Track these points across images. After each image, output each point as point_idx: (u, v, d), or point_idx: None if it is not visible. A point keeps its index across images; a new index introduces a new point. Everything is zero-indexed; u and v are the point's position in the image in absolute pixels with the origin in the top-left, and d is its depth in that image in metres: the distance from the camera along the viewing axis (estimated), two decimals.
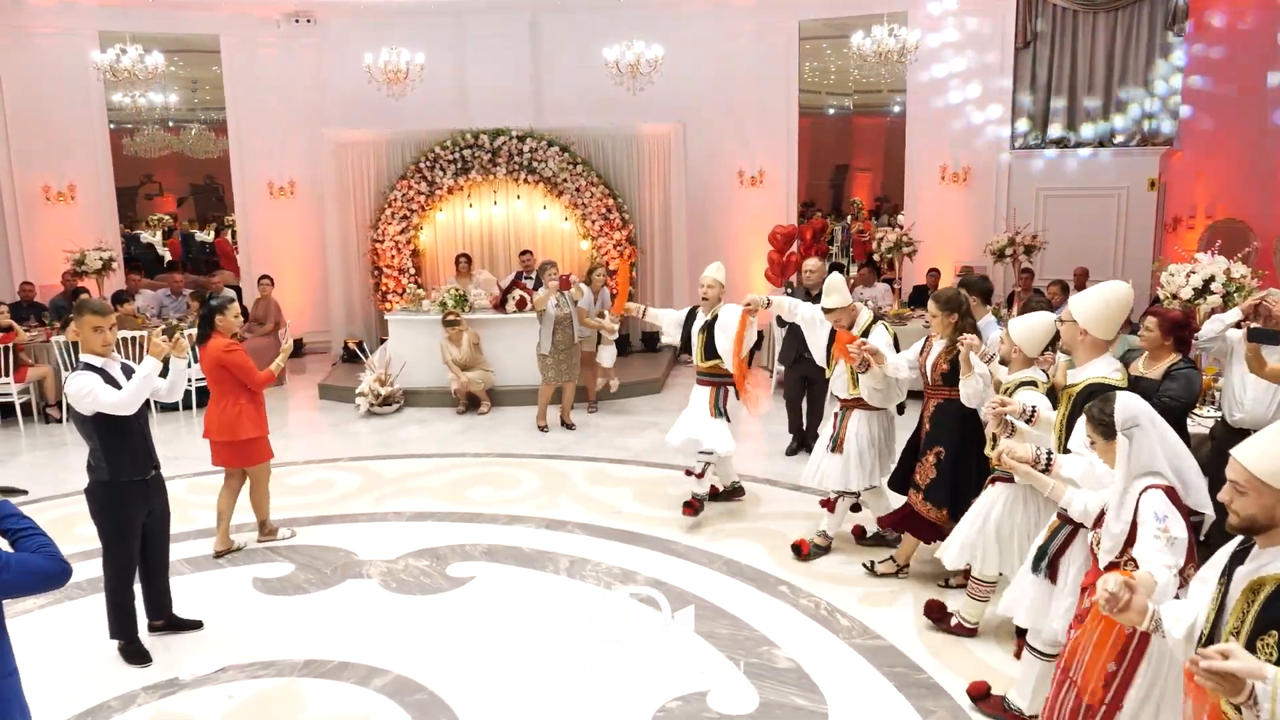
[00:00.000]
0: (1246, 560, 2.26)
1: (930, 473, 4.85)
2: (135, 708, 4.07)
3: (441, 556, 5.57)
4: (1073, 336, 3.76)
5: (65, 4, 10.63)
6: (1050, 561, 3.55)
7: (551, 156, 10.59)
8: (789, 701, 4.03)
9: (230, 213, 16.68)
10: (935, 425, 4.86)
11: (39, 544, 2.44)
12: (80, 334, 4.32)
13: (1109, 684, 2.84)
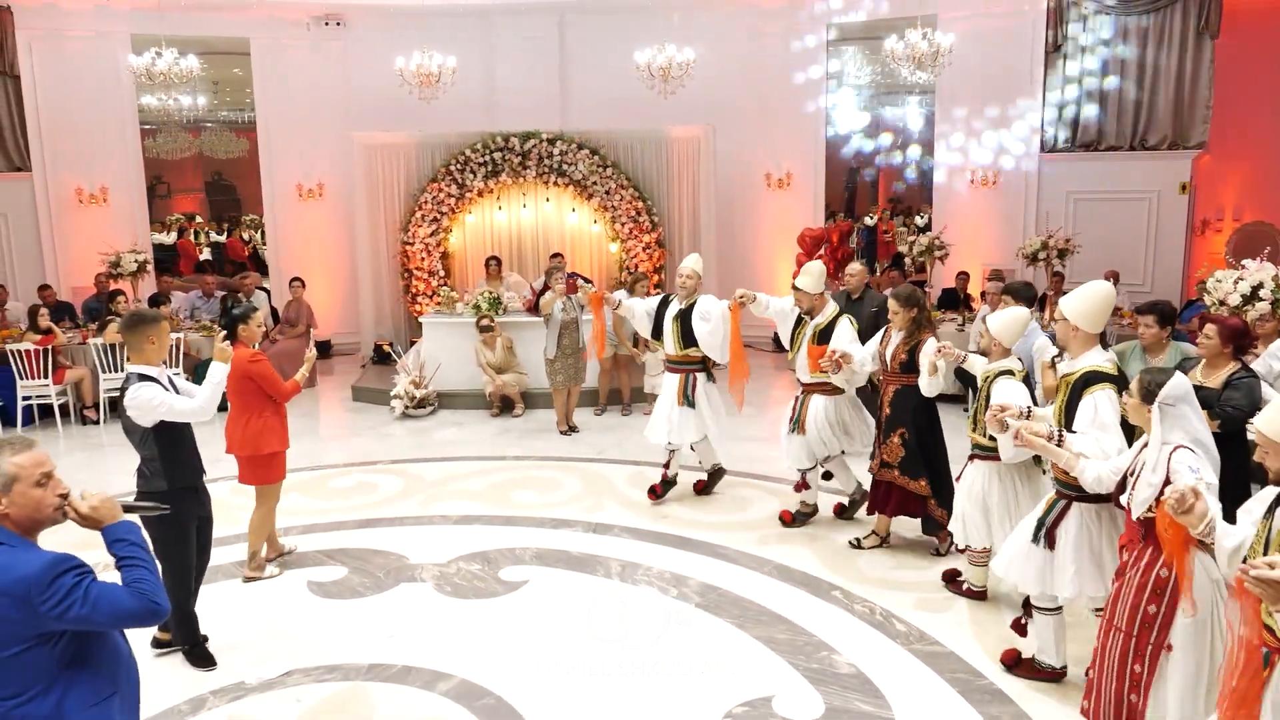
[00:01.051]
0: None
1: (899, 451, 5.38)
2: (206, 711, 4.11)
3: (492, 560, 5.60)
4: (1066, 333, 4.01)
5: (98, 8, 10.71)
6: (1047, 532, 3.95)
7: (581, 159, 10.64)
8: (854, 707, 4.05)
9: (245, 212, 16.86)
10: (895, 409, 5.39)
11: (135, 577, 2.33)
12: (134, 344, 4.21)
13: (1151, 625, 3.22)
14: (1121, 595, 3.33)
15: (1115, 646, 3.34)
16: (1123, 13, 10.01)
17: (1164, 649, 3.21)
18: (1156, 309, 5.08)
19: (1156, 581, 3.20)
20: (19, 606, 2.17)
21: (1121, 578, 3.37)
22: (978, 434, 4.65)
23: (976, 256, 10.90)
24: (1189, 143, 10.07)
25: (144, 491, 4.26)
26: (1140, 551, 3.30)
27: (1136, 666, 3.29)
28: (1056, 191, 10.63)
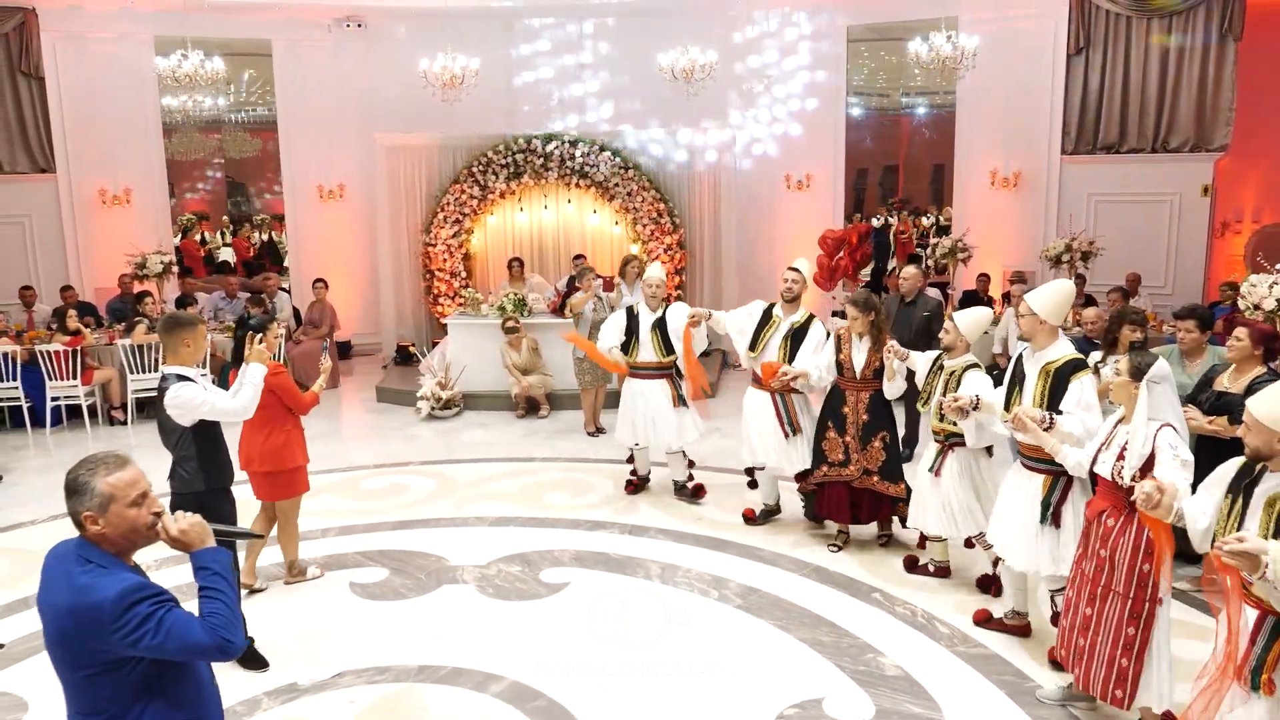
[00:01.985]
0: (1261, 482, 2.96)
1: (880, 456, 5.54)
2: (261, 713, 4.15)
3: (532, 562, 5.64)
4: (1033, 326, 4.32)
5: (121, 10, 10.74)
6: (1054, 512, 4.23)
7: (603, 161, 10.67)
8: (904, 709, 4.08)
9: (255, 212, 16.92)
10: (874, 414, 5.54)
11: (211, 610, 2.28)
12: (170, 346, 4.19)
13: (1145, 583, 3.54)
14: (1116, 561, 3.59)
15: (1113, 612, 3.60)
16: (1145, 14, 10.01)
17: (1157, 603, 3.53)
18: (1196, 314, 5.11)
19: (1147, 543, 3.52)
20: (87, 631, 2.16)
21: (1107, 544, 3.63)
22: (946, 424, 4.92)
23: (996, 258, 10.92)
24: (1211, 145, 10.08)
25: (182, 493, 4.26)
26: (1128, 517, 3.57)
27: (1130, 629, 3.56)
28: (1077, 193, 10.65)
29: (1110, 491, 3.67)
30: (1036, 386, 4.27)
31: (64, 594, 2.19)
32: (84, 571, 2.21)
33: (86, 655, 2.17)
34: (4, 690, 4.34)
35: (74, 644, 2.17)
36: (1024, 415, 4.10)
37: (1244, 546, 2.64)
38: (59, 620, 2.18)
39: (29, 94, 10.63)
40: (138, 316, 9.27)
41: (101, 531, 2.25)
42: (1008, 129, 10.85)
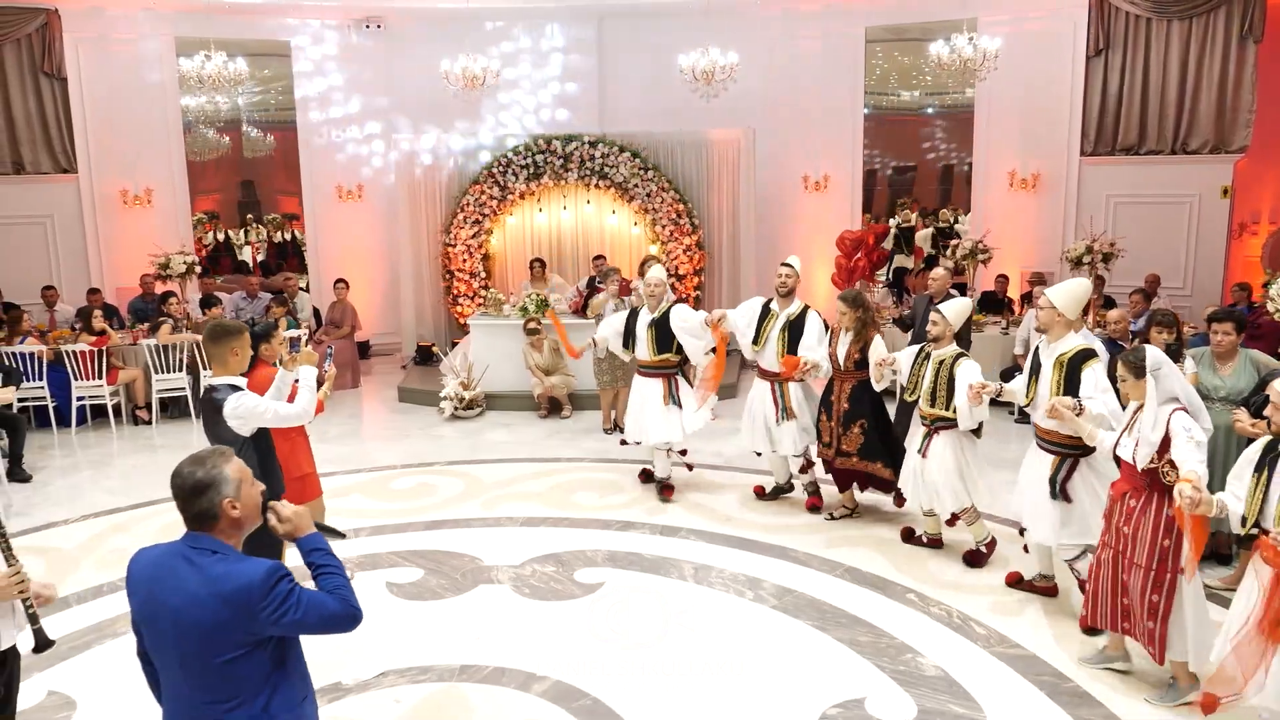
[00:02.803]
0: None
1: (858, 440, 5.93)
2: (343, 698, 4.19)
3: (566, 562, 5.67)
4: (1051, 318, 4.69)
5: (143, 11, 10.79)
6: (1061, 488, 4.64)
7: (623, 162, 10.70)
8: (947, 709, 4.11)
9: (265, 212, 16.95)
10: (854, 403, 5.93)
11: (335, 585, 2.41)
12: (217, 355, 4.14)
13: (1166, 558, 3.88)
14: (1139, 536, 3.95)
15: (1137, 582, 3.99)
16: (1165, 16, 10.03)
17: (1179, 573, 3.86)
18: (1233, 316, 5.14)
19: (1167, 521, 3.85)
20: (240, 614, 2.24)
21: (1130, 522, 3.99)
22: (936, 409, 5.31)
23: (1015, 259, 10.94)
24: (1230, 147, 10.08)
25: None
26: (1149, 496, 3.93)
27: (1154, 596, 3.93)
28: (1096, 195, 10.66)
29: (1132, 474, 4.00)
30: (1052, 375, 4.63)
31: (200, 585, 2.25)
32: (216, 561, 2.28)
33: (232, 640, 2.26)
34: (52, 689, 4.38)
35: (223, 631, 2.24)
36: (1059, 405, 4.41)
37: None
38: (205, 610, 2.23)
39: (51, 95, 10.68)
40: (162, 316, 9.31)
41: (237, 517, 2.34)
42: (1026, 130, 10.86)
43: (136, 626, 2.41)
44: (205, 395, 4.16)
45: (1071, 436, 4.59)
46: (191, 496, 2.31)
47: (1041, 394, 4.69)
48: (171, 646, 2.29)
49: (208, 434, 4.14)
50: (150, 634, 2.35)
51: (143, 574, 2.35)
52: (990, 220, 10.94)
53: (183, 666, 2.29)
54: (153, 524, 6.51)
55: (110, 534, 6.38)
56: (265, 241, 15.02)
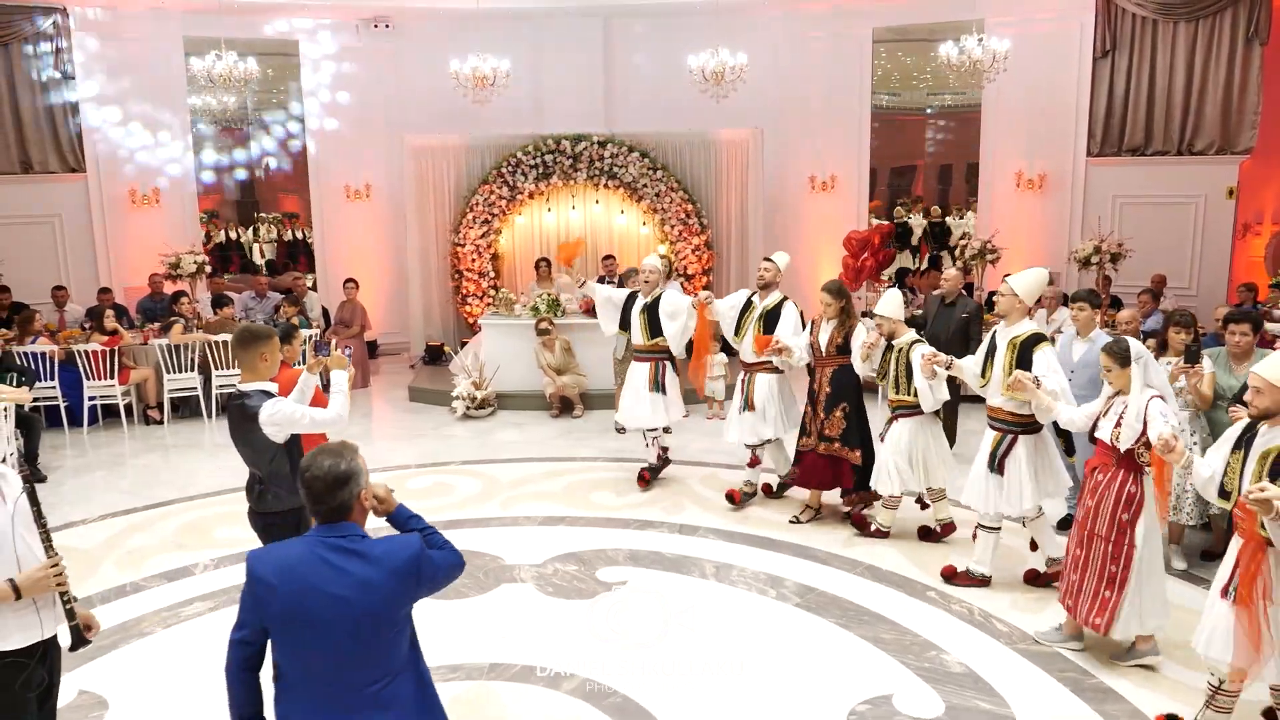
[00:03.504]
0: (1258, 436, 3.51)
1: (841, 424, 6.07)
2: None
3: (587, 561, 5.71)
4: (1011, 305, 5.05)
5: (151, 11, 10.79)
6: (999, 462, 5.00)
7: (632, 162, 10.74)
8: (973, 705, 4.16)
9: (267, 210, 16.96)
10: (836, 387, 6.10)
11: (440, 541, 2.58)
12: (247, 360, 4.03)
13: (1125, 530, 4.22)
14: (1101, 509, 4.28)
15: (1097, 553, 4.30)
16: (1172, 18, 10.09)
17: (1133, 548, 4.19)
18: (1250, 317, 5.20)
19: (1128, 496, 4.21)
20: (409, 584, 2.40)
21: (1095, 495, 4.31)
22: (900, 395, 5.66)
23: (1022, 260, 10.97)
24: (1236, 148, 10.16)
25: (278, 511, 4.09)
26: (1114, 473, 4.25)
27: (1113, 567, 4.25)
28: (1102, 195, 10.73)
29: (1105, 452, 4.33)
30: (1005, 356, 4.99)
31: (365, 568, 2.35)
32: (369, 545, 2.40)
33: (399, 615, 2.42)
34: (84, 688, 4.40)
35: (393, 606, 2.40)
36: (1022, 377, 4.74)
37: (1265, 495, 3.17)
38: (377, 591, 2.35)
39: (59, 94, 10.67)
40: (174, 316, 9.32)
41: (367, 508, 2.48)
42: (1033, 131, 10.92)
43: (260, 625, 2.42)
44: (235, 401, 4.04)
45: (1016, 414, 4.96)
46: (334, 489, 2.39)
47: (996, 375, 5.03)
48: (329, 635, 2.34)
49: (236, 440, 4.07)
50: (298, 628, 2.36)
51: (286, 572, 2.37)
52: (997, 220, 11.01)
53: (340, 653, 2.35)
54: (170, 524, 6.54)
55: (128, 534, 6.39)
56: (275, 241, 15.02)
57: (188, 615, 5.14)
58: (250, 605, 2.42)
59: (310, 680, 2.41)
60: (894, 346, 5.73)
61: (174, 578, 5.60)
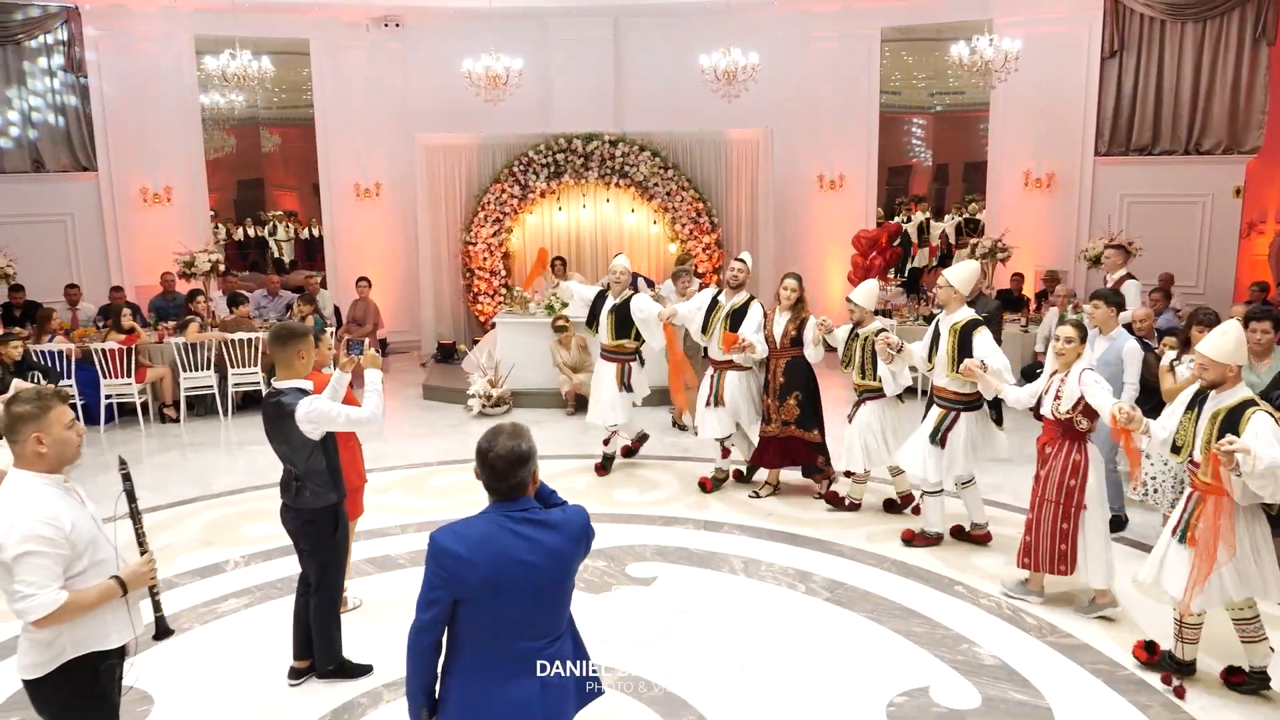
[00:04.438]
0: (1208, 400, 4.07)
1: (795, 411, 6.46)
2: (384, 704, 4.26)
3: (615, 557, 5.76)
4: (949, 295, 5.61)
5: (163, 9, 10.80)
6: (941, 436, 5.56)
7: (643, 161, 10.79)
8: (1009, 696, 4.23)
9: (269, 208, 16.95)
10: (789, 377, 6.48)
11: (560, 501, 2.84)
12: (283, 359, 4.05)
13: (1072, 494, 4.76)
14: (1049, 477, 4.82)
15: (1048, 514, 4.83)
16: (1180, 19, 10.18)
17: (1081, 508, 4.74)
18: (1271, 315, 5.27)
19: (1075, 465, 4.73)
20: (583, 548, 2.63)
21: (1045, 465, 4.86)
22: (866, 381, 6.07)
23: (1030, 258, 11.08)
24: (1243, 147, 10.26)
25: (315, 508, 4.13)
26: (1061, 444, 4.79)
27: (1064, 525, 4.80)
28: (1110, 194, 10.82)
29: (1051, 427, 4.86)
30: (948, 341, 5.51)
31: (551, 537, 2.54)
32: (553, 513, 2.61)
33: (573, 578, 2.65)
34: (127, 684, 4.42)
35: (572, 571, 2.63)
36: (971, 365, 5.26)
37: (1233, 447, 3.70)
38: (563, 558, 2.56)
39: (71, 92, 10.68)
40: (189, 315, 9.34)
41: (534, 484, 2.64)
42: (1041, 130, 11.00)
43: (451, 599, 2.51)
44: (271, 399, 4.07)
45: (960, 394, 5.55)
46: (516, 466, 2.53)
47: (941, 358, 5.57)
48: (517, 601, 2.51)
49: (273, 437, 4.11)
50: (489, 597, 2.50)
51: (479, 546, 2.49)
52: (1004, 219, 11.09)
53: (522, 618, 2.54)
54: (196, 521, 6.58)
55: (155, 532, 6.39)
56: (292, 239, 15.04)
57: (224, 611, 5.18)
58: (442, 582, 2.50)
59: (485, 647, 2.55)
60: (859, 335, 6.10)
61: (206, 574, 5.63)
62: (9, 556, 2.63)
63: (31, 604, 2.64)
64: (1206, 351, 4.04)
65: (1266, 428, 3.81)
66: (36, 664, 2.77)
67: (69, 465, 2.94)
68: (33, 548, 2.63)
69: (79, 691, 2.84)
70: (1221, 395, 4.03)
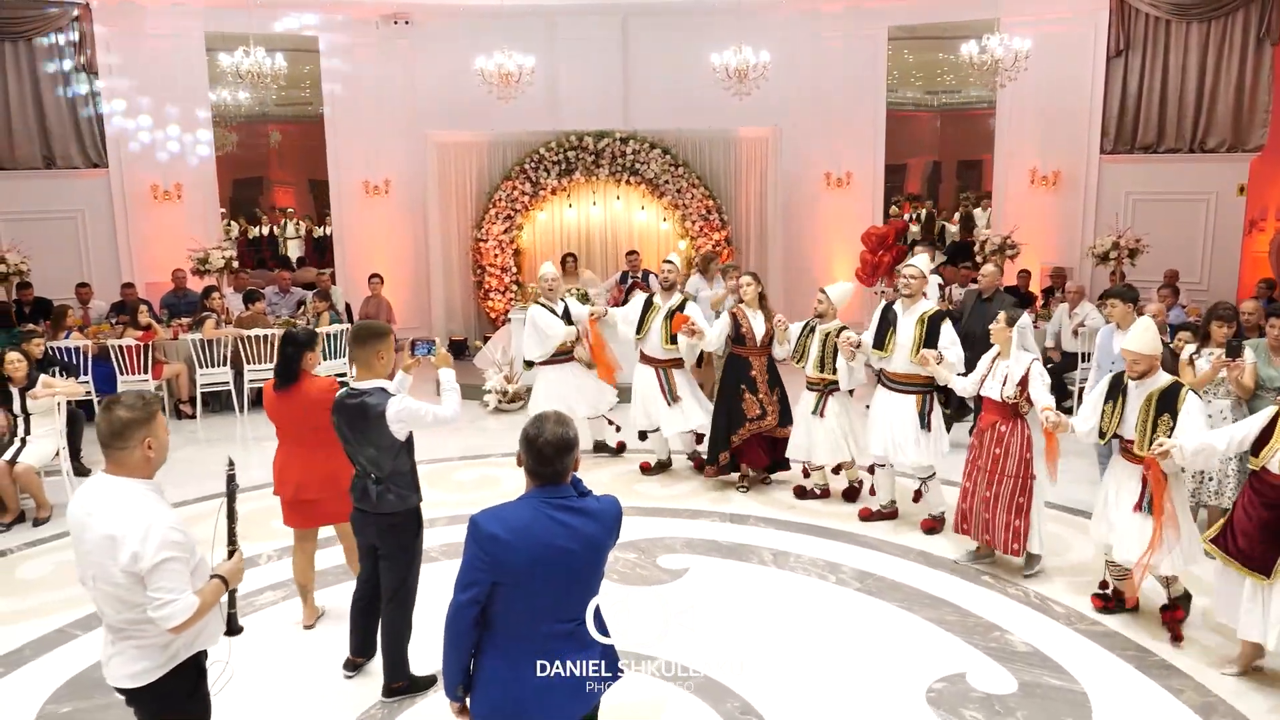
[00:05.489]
0: (1131, 389, 4.56)
1: (777, 406, 6.72)
2: (436, 691, 4.32)
3: (645, 549, 5.83)
4: (919, 287, 6.00)
5: (174, 6, 10.81)
6: (927, 421, 5.91)
7: (654, 159, 10.86)
8: (1044, 682, 4.32)
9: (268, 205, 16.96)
10: (772, 374, 6.74)
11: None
12: (363, 358, 3.98)
13: (1029, 467, 5.24)
14: (1009, 454, 5.24)
15: (1006, 489, 5.25)
16: (1185, 18, 10.32)
17: (1033, 478, 5.21)
18: None
19: (1028, 440, 5.24)
20: (616, 535, 2.71)
21: (1001, 444, 5.26)
22: (825, 374, 6.35)
23: (1036, 255, 11.20)
24: (1247, 146, 10.40)
25: (399, 511, 4.06)
26: (1013, 425, 5.24)
27: (1021, 498, 5.23)
28: (1115, 192, 10.95)
29: (996, 407, 5.31)
30: (915, 330, 5.86)
31: (587, 524, 2.62)
32: (589, 501, 2.68)
33: (605, 563, 2.74)
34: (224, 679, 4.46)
35: (605, 556, 2.72)
36: (928, 355, 5.70)
37: (1164, 448, 4.25)
38: (597, 546, 2.66)
39: (83, 89, 10.67)
40: (205, 311, 9.36)
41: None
42: (1047, 129, 11.13)
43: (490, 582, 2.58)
44: (352, 400, 3.92)
45: (927, 378, 5.89)
46: (563, 453, 2.61)
47: (901, 343, 5.91)
48: (553, 584, 2.60)
49: (355, 438, 3.97)
50: (527, 579, 2.58)
51: (521, 531, 2.57)
52: (1011, 216, 11.20)
53: (557, 600, 2.64)
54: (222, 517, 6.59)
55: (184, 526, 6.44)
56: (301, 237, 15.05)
57: (261, 604, 5.23)
58: (483, 564, 2.56)
59: (516, 627, 2.63)
60: (818, 330, 6.39)
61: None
62: (147, 565, 2.61)
63: (174, 609, 2.65)
64: (1135, 348, 4.46)
65: (1196, 409, 4.40)
66: (147, 670, 2.77)
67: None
68: (169, 554, 2.63)
69: (188, 691, 2.87)
70: (1146, 382, 4.51)
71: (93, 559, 2.69)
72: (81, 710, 4.24)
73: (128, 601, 2.69)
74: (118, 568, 2.63)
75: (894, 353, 5.95)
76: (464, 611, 2.61)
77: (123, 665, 2.78)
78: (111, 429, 2.71)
